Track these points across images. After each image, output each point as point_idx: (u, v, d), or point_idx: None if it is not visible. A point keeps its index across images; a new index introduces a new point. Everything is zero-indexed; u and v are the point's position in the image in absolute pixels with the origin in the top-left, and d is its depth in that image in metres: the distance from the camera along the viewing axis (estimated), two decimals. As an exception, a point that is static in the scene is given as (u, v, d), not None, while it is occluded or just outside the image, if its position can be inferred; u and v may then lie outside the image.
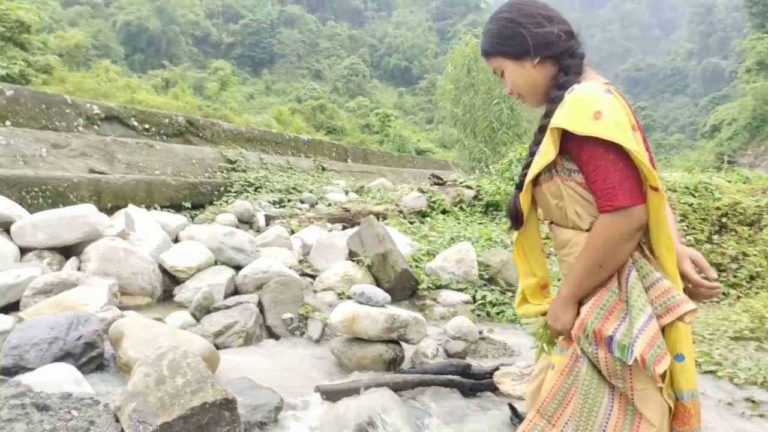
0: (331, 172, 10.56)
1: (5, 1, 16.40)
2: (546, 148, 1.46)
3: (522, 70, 1.56)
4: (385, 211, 7.29)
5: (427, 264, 5.32)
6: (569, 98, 1.42)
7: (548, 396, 1.53)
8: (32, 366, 2.44)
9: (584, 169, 1.42)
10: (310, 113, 44.90)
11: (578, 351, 1.47)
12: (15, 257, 3.91)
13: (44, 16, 26.56)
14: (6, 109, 5.35)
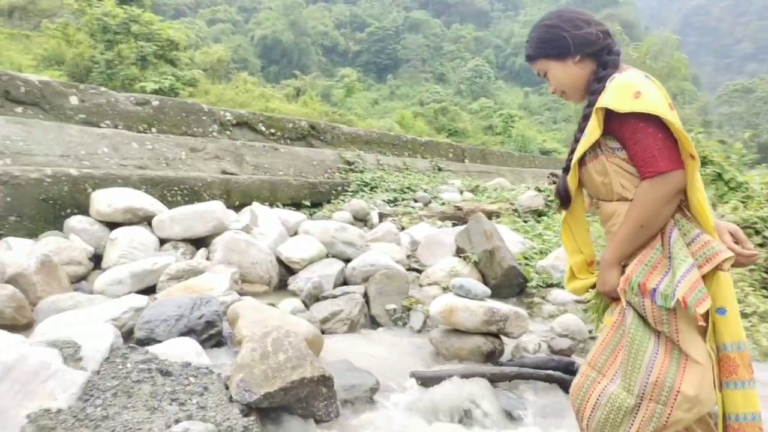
0: (447, 172, 10.63)
1: (157, 22, 18.23)
2: (591, 129, 1.59)
3: (565, 68, 1.74)
4: (498, 210, 7.25)
5: (539, 262, 5.23)
6: (611, 84, 1.58)
7: (598, 349, 1.64)
8: (161, 339, 2.77)
9: (627, 144, 1.56)
10: (432, 116, 45.14)
11: (624, 305, 1.56)
12: (155, 247, 4.41)
13: (191, 34, 29.15)
14: (152, 118, 6.02)
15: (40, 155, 4.65)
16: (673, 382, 1.48)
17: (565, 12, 1.75)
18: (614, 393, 1.55)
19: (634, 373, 1.52)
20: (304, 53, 62.69)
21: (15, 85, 4.94)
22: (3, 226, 4.11)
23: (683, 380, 1.48)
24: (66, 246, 4.01)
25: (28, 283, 3.31)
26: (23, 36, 17.83)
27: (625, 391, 1.53)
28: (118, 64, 16.95)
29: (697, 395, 1.47)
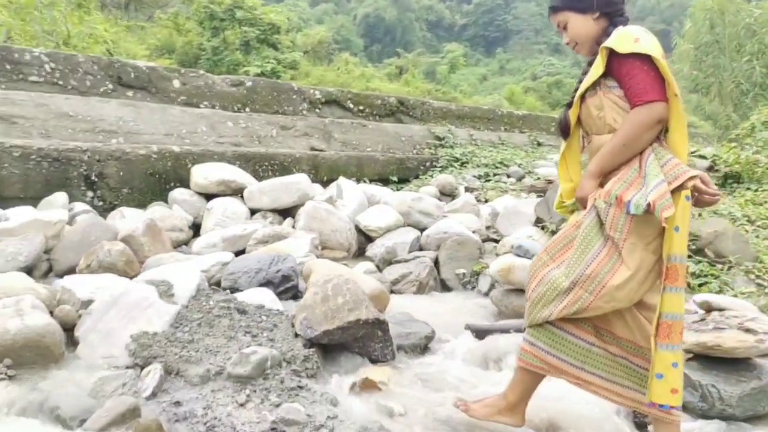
0: (547, 147, 10.65)
1: (260, 7, 19.40)
2: (596, 66, 1.95)
3: (584, 22, 2.06)
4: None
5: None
6: (615, 32, 1.96)
7: (557, 240, 2.05)
8: (242, 288, 3.32)
9: (623, 80, 1.91)
10: (545, 91, 44.05)
11: (588, 209, 1.95)
12: (246, 216, 5.03)
13: (293, 17, 30.47)
14: (246, 98, 6.71)
15: (147, 134, 5.42)
16: (603, 278, 1.88)
17: None
18: (555, 276, 1.96)
19: (577, 264, 1.92)
20: (407, 30, 63.18)
21: (126, 71, 5.77)
22: (117, 197, 4.88)
23: (611, 279, 1.87)
24: (169, 215, 4.72)
25: (137, 243, 3.99)
26: (138, 27, 19.65)
27: (563, 276, 1.94)
28: (224, 50, 18.29)
29: (618, 293, 1.87)
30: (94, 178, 4.75)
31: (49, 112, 4.90)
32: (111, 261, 3.57)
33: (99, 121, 5.18)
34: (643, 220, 1.85)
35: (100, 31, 15.40)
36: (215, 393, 2.21)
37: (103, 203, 4.81)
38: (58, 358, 2.38)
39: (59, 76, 5.29)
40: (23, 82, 5.04)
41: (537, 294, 2.01)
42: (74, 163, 4.63)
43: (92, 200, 4.76)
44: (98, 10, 19.03)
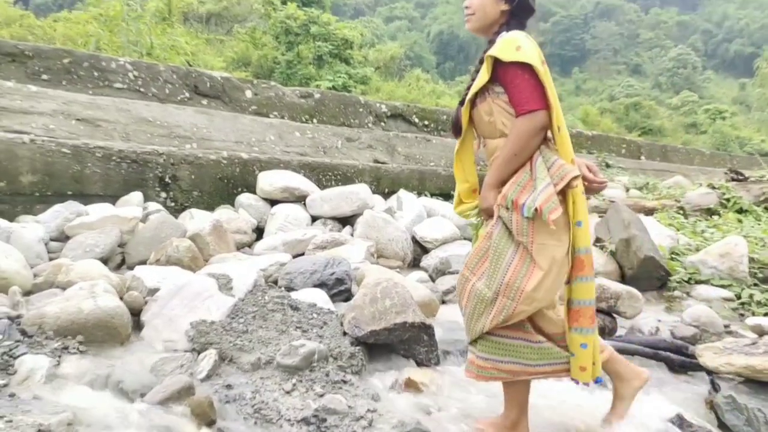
0: (616, 168, 10.48)
1: (334, 23, 19.98)
2: (482, 73, 2.06)
3: (495, 5, 2.13)
4: (660, 207, 7.14)
5: (689, 257, 5.22)
6: (499, 39, 2.06)
7: (473, 255, 2.14)
8: (297, 288, 3.50)
9: (507, 88, 2.03)
10: (622, 112, 43.00)
11: (495, 219, 2.06)
12: (307, 222, 5.25)
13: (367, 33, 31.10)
14: (314, 110, 6.99)
15: (219, 140, 5.75)
16: (521, 284, 1.98)
17: None
18: (479, 289, 2.06)
19: (495, 274, 2.03)
20: (481, 48, 62.79)
21: (202, 81, 6.15)
22: (188, 199, 5.20)
23: (528, 282, 1.98)
24: (235, 217, 4.99)
25: (203, 242, 4.26)
26: (218, 41, 20.61)
27: (486, 288, 2.04)
28: (297, 63, 18.91)
29: (536, 294, 1.98)
30: (167, 180, 5.09)
31: (130, 116, 5.30)
32: (178, 256, 3.84)
33: (175, 127, 5.54)
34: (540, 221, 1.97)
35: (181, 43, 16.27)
36: (264, 380, 2.37)
37: (175, 204, 5.14)
38: (124, 339, 2.61)
39: (141, 83, 5.70)
40: (108, 88, 5.47)
41: (469, 309, 2.11)
42: (150, 165, 4.98)
43: (165, 201, 5.09)
44: (180, 23, 20.11)
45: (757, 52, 70.31)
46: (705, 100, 50.27)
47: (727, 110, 40.73)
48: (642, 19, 78.16)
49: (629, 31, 74.86)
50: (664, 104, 49.42)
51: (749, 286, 4.82)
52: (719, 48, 75.14)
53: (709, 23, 79.11)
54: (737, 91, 62.55)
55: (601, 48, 71.12)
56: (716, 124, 32.42)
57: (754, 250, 5.21)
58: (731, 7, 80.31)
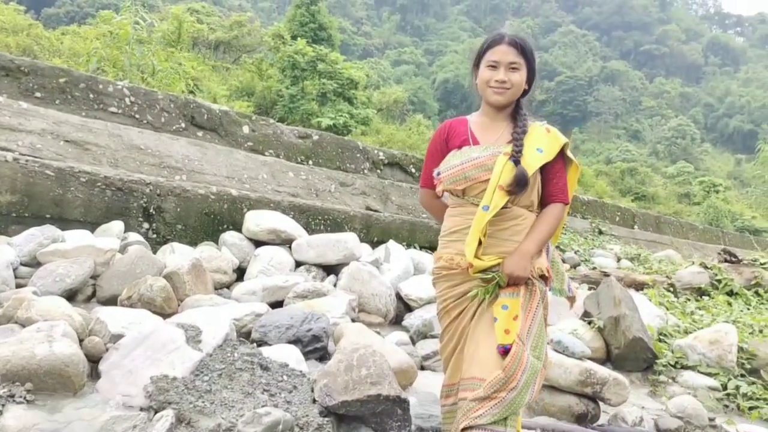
0: (608, 236, 10.45)
1: (341, 62, 20.18)
2: (552, 150, 2.30)
3: (522, 84, 2.33)
4: (651, 282, 7.06)
5: (676, 341, 5.12)
6: (553, 129, 2.38)
7: (524, 326, 2.20)
8: (271, 342, 3.35)
9: (555, 174, 2.32)
10: (617, 176, 43.38)
11: (536, 292, 2.25)
12: (291, 268, 5.12)
13: (373, 75, 31.47)
14: (311, 151, 6.93)
15: (210, 174, 5.66)
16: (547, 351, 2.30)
17: None
18: (532, 360, 2.15)
19: (542, 344, 2.23)
20: (481, 99, 63.86)
21: (200, 112, 6.08)
22: (171, 232, 5.07)
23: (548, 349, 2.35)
24: (216, 256, 4.85)
25: (180, 281, 4.12)
26: (224, 68, 20.75)
27: (536, 359, 2.17)
28: (300, 99, 19.01)
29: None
30: (152, 211, 4.96)
31: (121, 143, 5.20)
32: (151, 296, 3.70)
33: (166, 157, 5.45)
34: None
35: (187, 68, 16.32)
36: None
37: (157, 236, 5.01)
38: (78, 389, 2.45)
39: (137, 110, 5.63)
40: (103, 111, 5.40)
41: (522, 382, 2.12)
42: (136, 194, 4.86)
43: (147, 232, 4.95)
44: (189, 48, 20.27)
45: (756, 130, 71.61)
46: (700, 171, 50.88)
47: (722, 184, 41.12)
48: (646, 86, 79.68)
49: (632, 97, 76.21)
50: (660, 172, 49.95)
51: (736, 377, 4.72)
52: (719, 122, 76.44)
53: (711, 97, 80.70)
54: (733, 166, 63.43)
55: (602, 111, 72.22)
56: (710, 199, 32.69)
57: (743, 338, 5.12)
58: (734, 84, 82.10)
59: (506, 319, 2.20)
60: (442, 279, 2.49)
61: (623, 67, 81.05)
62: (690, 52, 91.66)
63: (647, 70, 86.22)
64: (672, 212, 33.82)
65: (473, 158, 2.32)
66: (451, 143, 2.44)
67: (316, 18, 23.85)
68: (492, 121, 2.41)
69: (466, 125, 2.45)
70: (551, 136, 2.33)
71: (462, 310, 2.37)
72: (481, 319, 2.29)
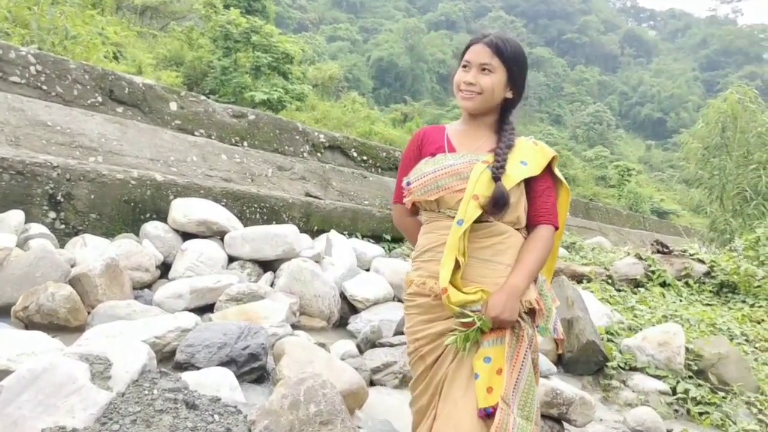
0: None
1: (276, 35, 19.15)
2: (538, 164, 1.94)
3: (501, 91, 1.97)
4: (590, 274, 6.86)
5: (624, 340, 4.88)
6: (541, 143, 2.03)
7: (508, 383, 1.76)
8: (200, 365, 2.78)
9: (542, 192, 1.95)
10: (541, 159, 44.21)
11: (524, 337, 1.81)
12: (223, 264, 4.51)
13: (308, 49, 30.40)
14: (246, 131, 6.24)
15: (131, 156, 4.92)
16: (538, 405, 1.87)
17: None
18: (521, 423, 1.75)
19: (531, 402, 1.80)
20: (417, 79, 63.70)
21: (120, 86, 5.29)
22: (83, 222, 4.35)
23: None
24: (137, 251, 4.17)
25: (91, 284, 3.45)
26: (151, 35, 19.32)
27: (525, 420, 1.77)
28: (233, 71, 17.93)
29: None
30: (60, 199, 4.22)
31: (23, 117, 4.40)
32: (52, 307, 3.04)
33: (79, 136, 4.68)
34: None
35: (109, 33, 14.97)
36: None
37: (66, 227, 4.27)
38: (-62, 454, 1.82)
39: (44, 80, 4.80)
40: (2, 81, 4.55)
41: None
42: (40, 178, 4.10)
43: (53, 222, 4.21)
44: (112, 12, 18.71)
45: (664, 118, 74.82)
46: (615, 156, 52.70)
47: (635, 168, 42.67)
48: (567, 73, 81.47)
49: (555, 83, 77.80)
50: (580, 155, 51.44)
51: (684, 379, 4.54)
52: (632, 110, 79.30)
53: (625, 86, 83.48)
54: (643, 151, 66.16)
55: (528, 96, 73.30)
56: (630, 184, 33.80)
57: (689, 339, 4.95)
58: (647, 74, 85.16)
59: (489, 375, 1.78)
60: (413, 310, 2.02)
61: (548, 54, 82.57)
62: (608, 43, 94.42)
63: (569, 57, 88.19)
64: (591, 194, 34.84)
65: (448, 165, 1.95)
66: (424, 151, 2.08)
67: (250, -12, 22.54)
68: (472, 129, 2.05)
69: (442, 132, 2.10)
70: (538, 149, 1.98)
71: (438, 356, 1.91)
72: (459, 371, 1.85)
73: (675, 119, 73.39)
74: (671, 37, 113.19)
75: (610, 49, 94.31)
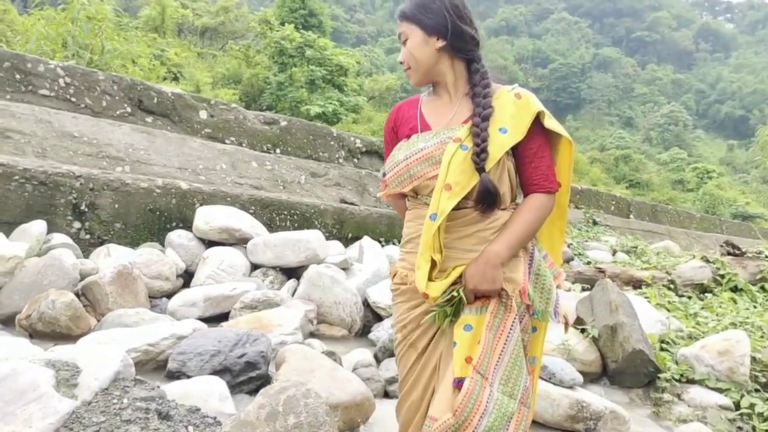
0: (603, 227, 9.75)
1: (331, 48, 19.35)
2: (521, 126, 1.66)
3: (425, 47, 1.73)
4: (649, 279, 6.38)
5: (681, 350, 4.44)
6: (528, 93, 1.71)
7: (482, 353, 1.61)
8: (191, 374, 2.66)
9: (533, 155, 1.70)
10: (611, 163, 42.84)
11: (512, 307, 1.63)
12: (245, 272, 4.42)
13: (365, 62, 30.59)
14: (278, 138, 6.19)
15: (158, 165, 4.93)
16: (531, 386, 1.68)
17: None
18: (499, 399, 1.60)
19: (517, 379, 1.63)
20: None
21: (149, 96, 5.34)
22: (108, 231, 4.36)
23: (533, 383, 1.73)
24: (158, 259, 4.14)
25: (101, 292, 3.42)
26: (210, 55, 19.91)
27: (507, 396, 1.61)
28: (289, 86, 18.21)
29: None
30: (84, 208, 4.25)
31: (50, 129, 4.47)
32: (53, 315, 3.00)
33: (105, 146, 4.72)
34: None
35: (170, 54, 15.52)
36: None
37: (91, 237, 4.30)
38: None
39: (73, 92, 4.89)
40: (32, 94, 4.66)
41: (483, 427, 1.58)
42: (63, 189, 4.14)
43: (78, 232, 4.24)
44: (174, 35, 19.43)
45: (747, 116, 70.82)
46: (693, 158, 50.36)
47: (715, 170, 40.54)
48: (638, 74, 78.66)
49: (625, 84, 75.20)
50: (654, 159, 49.45)
51: (749, 393, 4.06)
52: (711, 108, 75.64)
53: (702, 84, 79.78)
54: (725, 152, 62.88)
55: (596, 98, 71.17)
56: (706, 186, 32.05)
57: (756, 347, 4.46)
58: (725, 70, 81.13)
59: (468, 344, 1.63)
60: (399, 299, 1.87)
61: (615, 54, 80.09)
62: (681, 39, 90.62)
63: (639, 56, 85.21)
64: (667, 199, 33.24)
65: (419, 150, 1.75)
66: (400, 133, 1.88)
67: (305, 3, 22.94)
68: (442, 98, 1.82)
69: (416, 107, 1.88)
70: (521, 105, 1.68)
71: (430, 340, 1.74)
72: (442, 343, 1.72)
73: (759, 116, 69.36)
74: (750, 29, 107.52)
75: (684, 45, 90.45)
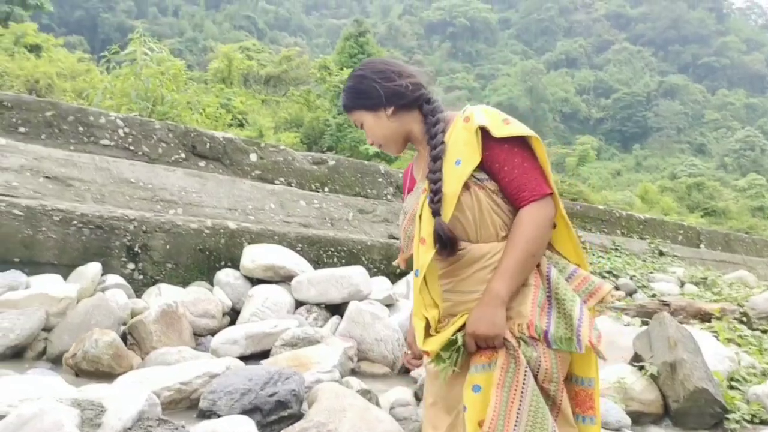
0: (670, 257, 9.26)
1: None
2: (469, 155, 1.55)
3: (378, 121, 1.70)
4: (716, 312, 5.96)
5: (753, 388, 4.09)
6: (475, 110, 1.62)
7: (494, 413, 1.47)
8: (221, 413, 2.63)
9: (501, 170, 1.56)
10: (683, 192, 41.05)
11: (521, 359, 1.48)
12: (289, 309, 4.41)
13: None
14: (326, 177, 6.25)
15: (209, 207, 5.05)
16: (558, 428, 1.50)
17: (377, 63, 1.73)
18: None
19: (543, 426, 1.46)
20: (540, 120, 62.35)
21: (201, 141, 5.52)
22: (160, 272, 4.47)
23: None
24: (204, 298, 4.21)
25: (146, 331, 3.49)
26: (274, 102, 20.61)
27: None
28: (348, 127, 18.53)
29: None
30: (137, 250, 4.38)
31: (108, 176, 4.68)
32: (96, 354, 3.07)
33: (160, 190, 4.89)
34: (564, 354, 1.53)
35: (236, 103, 16.14)
36: None
37: (144, 277, 4.41)
38: None
39: (131, 141, 5.11)
40: (93, 144, 4.90)
41: None
42: (118, 232, 4.29)
43: (132, 273, 4.37)
44: (240, 84, 20.26)
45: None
46: (775, 183, 47.58)
47: (798, 195, 38.16)
48: (708, 99, 75.80)
49: (694, 110, 72.51)
50: (730, 185, 47.11)
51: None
52: (789, 131, 71.78)
53: (778, 106, 76.05)
54: (809, 176, 59.22)
55: (664, 126, 68.81)
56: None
57: (839, 385, 4.05)
58: (803, 92, 77.19)
59: (479, 407, 1.50)
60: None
61: (682, 81, 77.58)
62: (752, 62, 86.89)
63: (708, 82, 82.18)
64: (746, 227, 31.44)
65: (407, 210, 1.78)
66: (405, 195, 1.90)
67: (364, 49, 23.48)
68: (422, 152, 1.79)
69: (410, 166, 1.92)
70: (469, 127, 1.59)
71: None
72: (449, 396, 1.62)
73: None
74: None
75: (756, 68, 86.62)
